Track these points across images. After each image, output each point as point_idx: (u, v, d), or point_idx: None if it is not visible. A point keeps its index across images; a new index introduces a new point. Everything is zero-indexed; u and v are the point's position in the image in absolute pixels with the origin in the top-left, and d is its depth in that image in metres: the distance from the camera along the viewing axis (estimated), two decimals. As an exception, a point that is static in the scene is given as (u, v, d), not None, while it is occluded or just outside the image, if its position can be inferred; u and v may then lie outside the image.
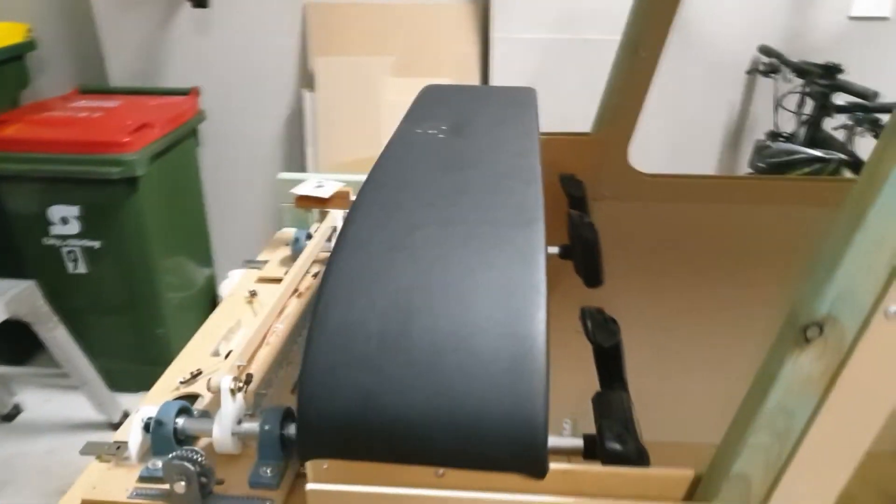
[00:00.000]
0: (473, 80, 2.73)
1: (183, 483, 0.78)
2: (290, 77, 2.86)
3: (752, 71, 2.75)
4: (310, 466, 0.68)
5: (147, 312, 2.48)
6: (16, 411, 2.51)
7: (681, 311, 1.67)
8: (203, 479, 0.79)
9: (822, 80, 2.41)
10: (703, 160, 2.95)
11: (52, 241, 2.35)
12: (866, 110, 2.41)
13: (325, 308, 0.68)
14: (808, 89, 2.49)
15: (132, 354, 2.54)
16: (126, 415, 2.30)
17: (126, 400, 2.45)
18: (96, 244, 2.33)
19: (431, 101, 1.38)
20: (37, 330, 2.15)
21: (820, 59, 2.51)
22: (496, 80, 2.72)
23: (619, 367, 1.00)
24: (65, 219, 2.31)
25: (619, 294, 1.61)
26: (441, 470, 0.66)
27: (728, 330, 1.63)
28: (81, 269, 2.38)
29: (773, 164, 2.41)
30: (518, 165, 0.99)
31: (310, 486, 0.68)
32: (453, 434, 0.62)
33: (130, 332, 2.51)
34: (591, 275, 1.38)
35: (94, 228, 2.31)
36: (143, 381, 1.34)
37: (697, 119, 2.88)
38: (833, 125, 2.55)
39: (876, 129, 2.44)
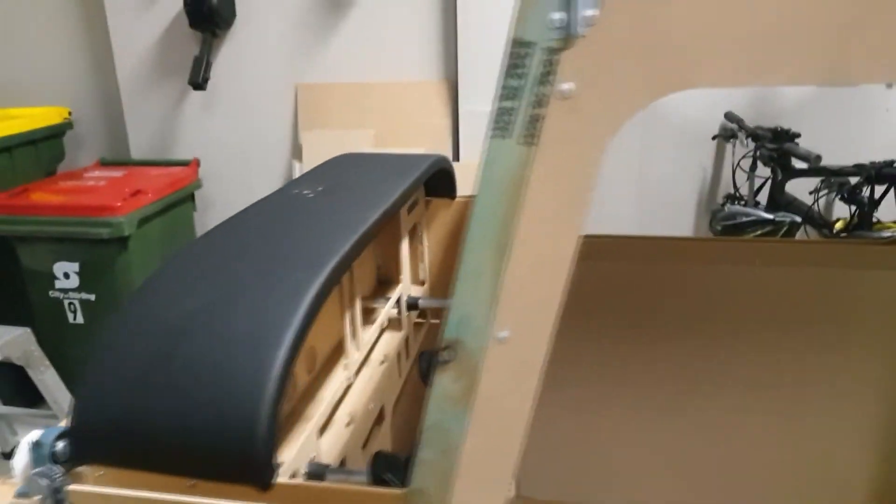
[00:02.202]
0: (446, 149, 2.92)
1: (38, 498, 0.84)
2: (283, 149, 3.14)
3: (717, 136, 2.83)
4: (81, 472, 0.78)
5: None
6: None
7: (627, 372, 1.66)
8: (59, 497, 0.84)
9: (771, 143, 2.46)
10: (674, 225, 3.00)
11: (56, 294, 2.64)
12: (819, 173, 2.44)
13: (105, 335, 0.79)
14: (758, 153, 2.54)
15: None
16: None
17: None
18: (92, 297, 2.61)
19: (334, 166, 1.55)
20: (30, 373, 2.41)
21: (788, 124, 2.57)
22: (465, 148, 2.90)
23: None
24: (67, 273, 2.60)
25: (566, 351, 1.65)
26: (192, 481, 0.74)
27: (675, 387, 1.63)
28: (80, 319, 2.66)
29: (727, 226, 2.46)
30: (346, 220, 1.08)
31: (70, 486, 0.78)
32: (191, 448, 0.70)
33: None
34: None
35: (90, 283, 2.60)
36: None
37: (668, 184, 2.96)
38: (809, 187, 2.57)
39: (840, 191, 2.46)
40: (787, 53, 0.50)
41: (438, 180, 1.69)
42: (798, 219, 2.38)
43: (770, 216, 2.37)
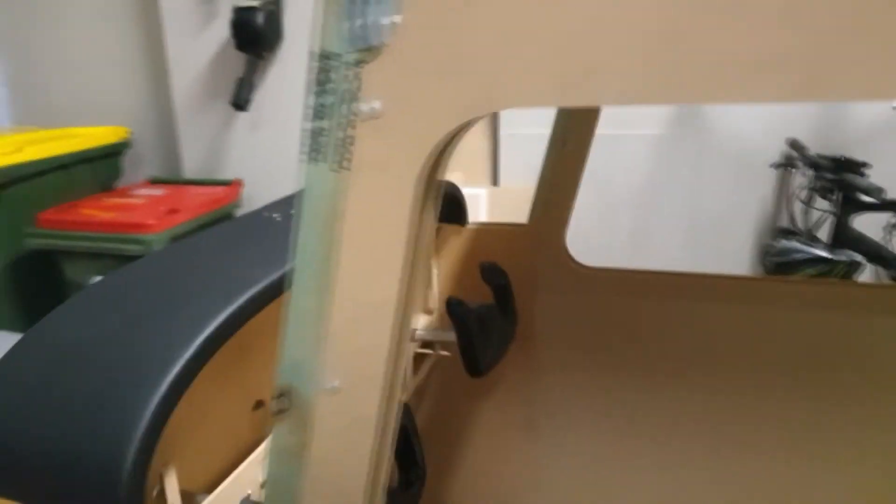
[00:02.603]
0: (485, 173, 2.83)
1: None
2: (325, 170, 3.13)
3: (778, 165, 2.61)
4: None
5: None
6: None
7: (618, 414, 1.58)
8: None
9: (830, 174, 2.24)
10: (727, 261, 2.79)
11: (94, 308, 2.71)
12: (887, 208, 2.19)
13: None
14: (817, 184, 2.32)
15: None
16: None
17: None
18: (125, 312, 2.66)
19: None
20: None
21: (859, 153, 2.34)
22: (504, 173, 2.80)
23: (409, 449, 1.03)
24: (103, 289, 2.66)
25: (554, 390, 1.57)
26: None
27: (664, 433, 1.53)
28: (114, 333, 2.71)
29: (778, 263, 2.25)
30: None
31: None
32: (52, 483, 0.67)
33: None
34: (469, 364, 1.37)
35: (124, 298, 2.64)
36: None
37: (722, 216, 2.75)
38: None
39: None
40: (600, 71, 0.40)
41: (447, 207, 1.63)
42: (858, 258, 2.14)
43: (825, 254, 2.15)
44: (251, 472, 0.94)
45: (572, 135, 1.47)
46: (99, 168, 3.25)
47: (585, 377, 1.58)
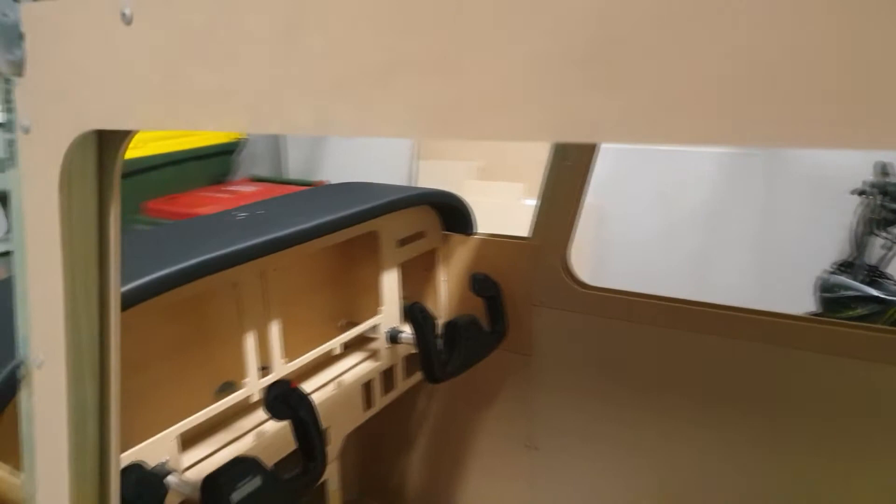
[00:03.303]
0: (547, 186, 2.82)
1: None
2: (402, 175, 3.27)
3: (859, 192, 2.38)
4: None
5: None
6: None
7: (611, 438, 1.56)
8: None
9: (892, 202, 2.02)
10: (800, 293, 2.57)
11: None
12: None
13: None
14: (878, 213, 2.09)
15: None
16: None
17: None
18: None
19: (315, 192, 1.64)
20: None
21: None
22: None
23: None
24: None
25: (552, 406, 1.60)
26: None
27: (658, 465, 1.50)
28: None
29: (827, 299, 2.06)
30: (229, 242, 1.12)
31: None
32: None
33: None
34: (423, 368, 1.43)
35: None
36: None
37: (796, 244, 2.55)
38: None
39: None
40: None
41: (452, 216, 1.69)
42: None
43: (876, 293, 1.94)
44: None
45: (573, 149, 1.46)
46: (210, 165, 3.60)
47: (580, 396, 1.57)
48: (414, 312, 1.41)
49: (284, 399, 1.08)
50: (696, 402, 1.40)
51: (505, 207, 2.62)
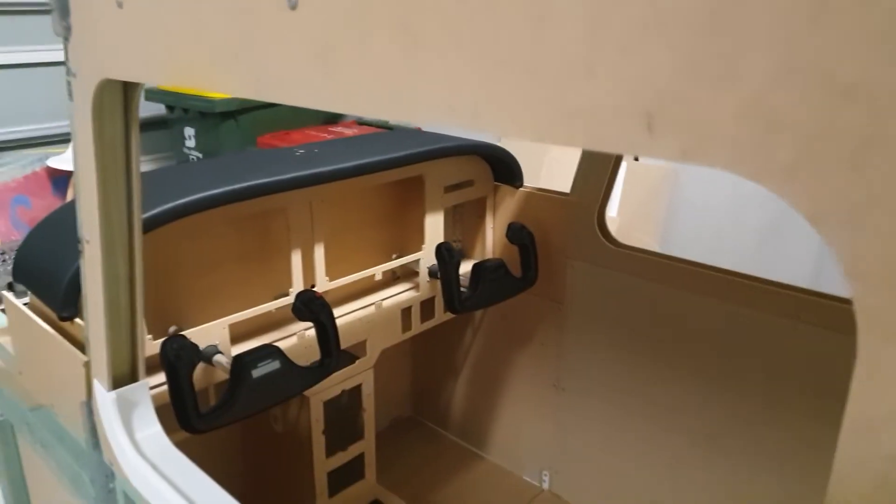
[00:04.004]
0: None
1: None
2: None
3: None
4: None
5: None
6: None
7: (631, 389, 1.64)
8: None
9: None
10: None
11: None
12: None
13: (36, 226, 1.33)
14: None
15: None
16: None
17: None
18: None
19: (368, 137, 1.82)
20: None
21: None
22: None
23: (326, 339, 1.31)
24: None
25: (578, 353, 1.74)
26: None
27: (671, 420, 1.58)
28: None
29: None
30: (269, 173, 1.30)
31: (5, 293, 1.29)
32: (40, 285, 1.15)
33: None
34: (446, 300, 1.61)
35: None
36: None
37: None
38: None
39: None
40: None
41: (502, 168, 1.81)
42: None
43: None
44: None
45: None
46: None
47: (606, 345, 1.66)
48: (440, 249, 1.57)
49: (308, 304, 1.27)
50: (712, 366, 1.47)
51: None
